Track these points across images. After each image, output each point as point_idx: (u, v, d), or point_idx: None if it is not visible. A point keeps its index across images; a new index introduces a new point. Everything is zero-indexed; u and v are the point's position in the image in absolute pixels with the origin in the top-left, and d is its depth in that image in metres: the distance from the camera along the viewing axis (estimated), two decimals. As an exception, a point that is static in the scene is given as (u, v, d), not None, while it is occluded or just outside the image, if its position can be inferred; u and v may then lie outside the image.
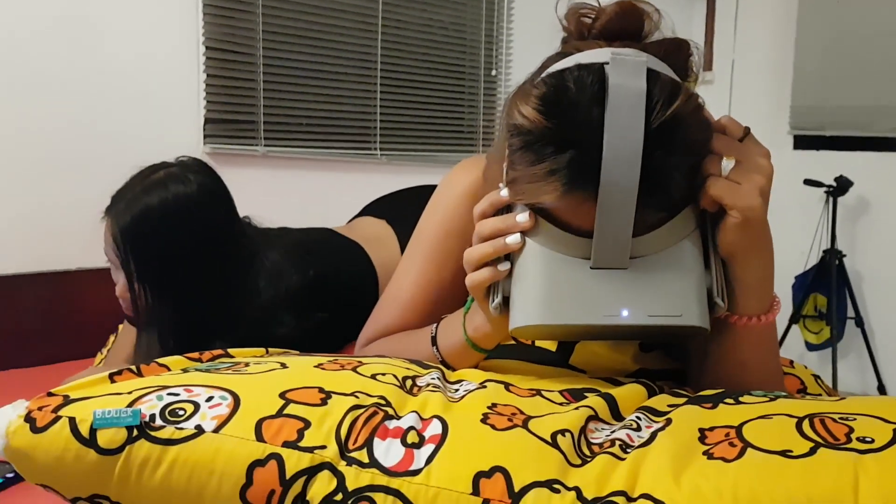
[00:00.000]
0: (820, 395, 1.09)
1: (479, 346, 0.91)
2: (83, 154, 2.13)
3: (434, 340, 0.96)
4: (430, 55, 2.95)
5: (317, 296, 1.54)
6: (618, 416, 0.78)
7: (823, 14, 3.55)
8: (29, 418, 0.68)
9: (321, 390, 0.72)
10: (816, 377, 1.14)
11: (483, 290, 0.83)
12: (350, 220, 1.94)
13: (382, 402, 0.72)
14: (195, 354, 0.91)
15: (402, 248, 1.78)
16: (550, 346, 1.01)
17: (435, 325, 0.99)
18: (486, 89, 3.16)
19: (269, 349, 1.03)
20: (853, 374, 3.67)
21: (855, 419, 0.67)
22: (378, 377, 0.78)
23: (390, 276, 1.73)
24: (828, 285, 3.42)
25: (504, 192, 0.81)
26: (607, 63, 0.74)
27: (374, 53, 2.75)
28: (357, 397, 0.71)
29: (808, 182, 3.47)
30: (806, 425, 0.67)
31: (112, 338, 1.79)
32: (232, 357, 0.95)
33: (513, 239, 0.79)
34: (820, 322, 3.47)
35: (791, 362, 1.18)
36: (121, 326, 1.73)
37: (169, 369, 0.85)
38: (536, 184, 0.75)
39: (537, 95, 0.76)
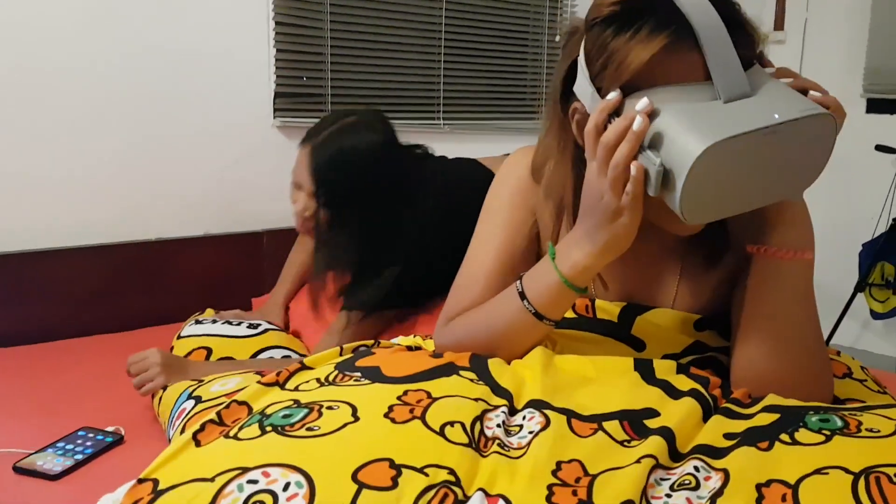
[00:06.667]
0: (865, 379, 1.14)
1: (576, 286, 0.97)
2: (155, 130, 2.22)
3: (522, 295, 1.01)
4: (492, 22, 2.95)
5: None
6: (676, 455, 0.82)
7: (902, -28, 3.42)
8: None
9: (392, 464, 0.75)
10: (863, 368, 1.19)
11: (640, 187, 0.87)
12: None
13: (452, 478, 0.75)
14: (272, 377, 0.97)
15: None
16: (612, 317, 1.07)
17: (517, 281, 1.03)
18: (550, 56, 3.15)
19: (343, 346, 1.10)
20: (920, 342, 3.62)
21: None
22: (446, 431, 0.81)
23: None
24: (897, 253, 3.35)
25: (610, 96, 0.88)
26: None
27: (438, 23, 2.78)
28: (427, 475, 0.74)
29: (879, 148, 3.39)
30: (861, 488, 0.70)
31: (209, 311, 2.00)
32: (310, 368, 1.00)
33: (637, 123, 0.84)
34: (887, 291, 3.42)
35: (838, 353, 1.22)
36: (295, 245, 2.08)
37: (250, 408, 0.91)
38: (641, 45, 0.85)
39: None
